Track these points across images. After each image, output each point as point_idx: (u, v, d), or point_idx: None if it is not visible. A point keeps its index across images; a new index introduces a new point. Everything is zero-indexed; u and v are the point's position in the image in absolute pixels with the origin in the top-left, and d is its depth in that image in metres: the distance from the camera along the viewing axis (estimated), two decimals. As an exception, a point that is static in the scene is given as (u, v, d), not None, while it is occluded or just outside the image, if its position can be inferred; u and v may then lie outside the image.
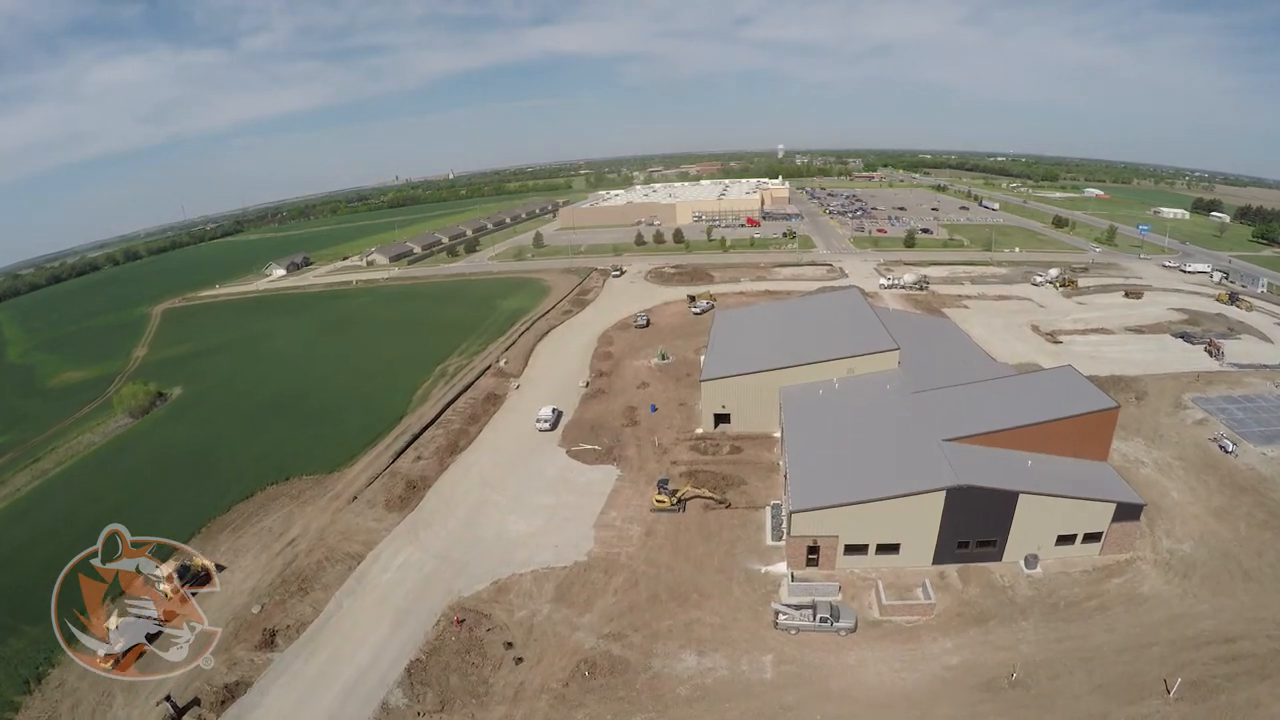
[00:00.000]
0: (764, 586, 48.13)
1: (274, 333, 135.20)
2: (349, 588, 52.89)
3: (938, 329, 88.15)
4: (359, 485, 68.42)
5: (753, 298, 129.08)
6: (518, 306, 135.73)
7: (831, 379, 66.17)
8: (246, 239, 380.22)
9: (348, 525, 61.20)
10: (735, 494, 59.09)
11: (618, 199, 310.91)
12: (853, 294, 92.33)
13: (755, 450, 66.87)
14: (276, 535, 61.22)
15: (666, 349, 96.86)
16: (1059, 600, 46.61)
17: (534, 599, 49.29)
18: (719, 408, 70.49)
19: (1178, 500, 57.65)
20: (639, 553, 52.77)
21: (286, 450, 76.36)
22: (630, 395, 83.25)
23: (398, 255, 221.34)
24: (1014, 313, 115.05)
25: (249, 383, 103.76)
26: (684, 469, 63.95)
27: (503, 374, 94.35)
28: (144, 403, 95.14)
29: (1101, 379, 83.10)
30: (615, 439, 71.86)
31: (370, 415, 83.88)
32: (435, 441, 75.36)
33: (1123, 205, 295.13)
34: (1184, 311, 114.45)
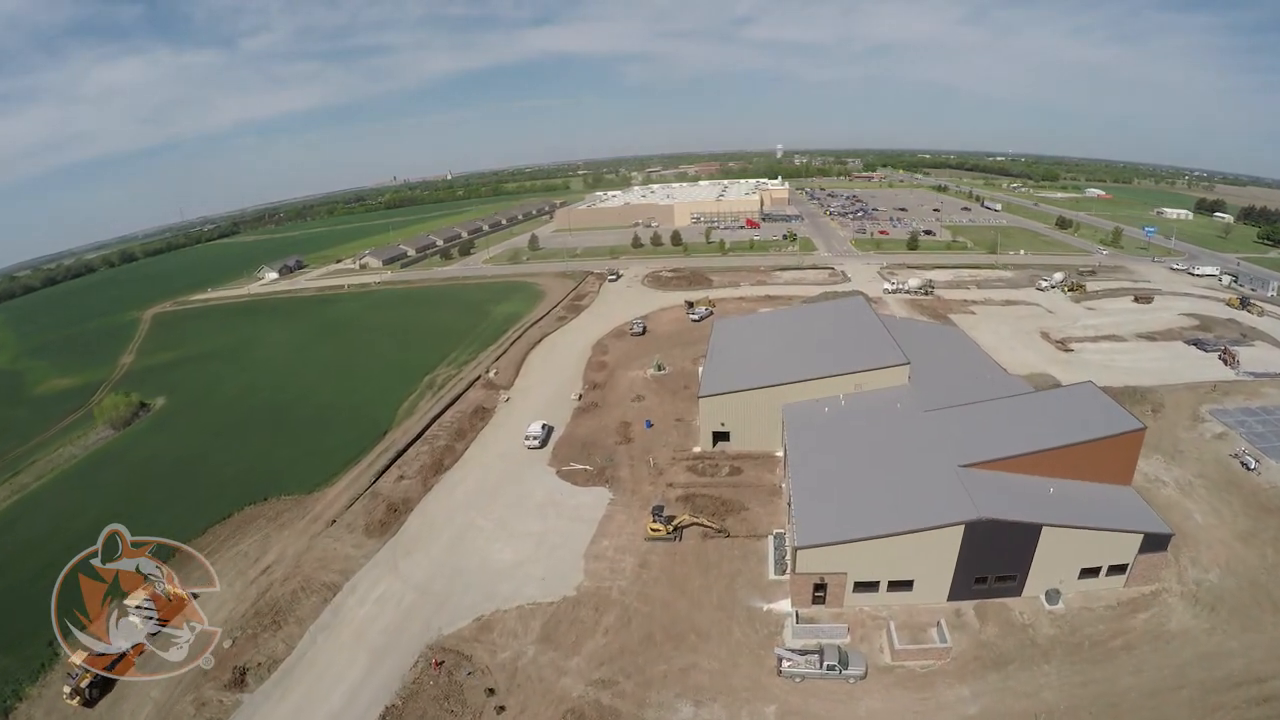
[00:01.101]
0: (767, 627, 44.58)
1: (261, 340, 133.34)
2: (324, 621, 50.11)
3: (947, 339, 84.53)
4: (338, 507, 65.41)
5: (753, 303, 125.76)
6: (510, 312, 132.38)
7: (838, 395, 62.50)
8: (242, 241, 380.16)
9: (325, 551, 58.30)
10: (735, 521, 55.38)
11: (615, 200, 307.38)
12: (858, 302, 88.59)
13: (756, 471, 63.22)
14: (252, 560, 58.57)
15: (663, 358, 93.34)
16: (1083, 639, 43.56)
17: (518, 638, 45.85)
18: (718, 425, 66.73)
19: (1202, 524, 54.88)
20: (632, 587, 49.20)
21: (267, 467, 74.12)
22: (624, 409, 79.65)
23: (391, 258, 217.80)
24: (1022, 319, 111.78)
25: (233, 393, 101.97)
26: (680, 492, 60.27)
27: (492, 385, 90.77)
28: (125, 414, 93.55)
29: (1116, 390, 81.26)
30: (608, 458, 68.26)
31: (354, 430, 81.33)
32: (419, 459, 71.92)
33: (1125, 206, 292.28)
34: (1195, 317, 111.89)
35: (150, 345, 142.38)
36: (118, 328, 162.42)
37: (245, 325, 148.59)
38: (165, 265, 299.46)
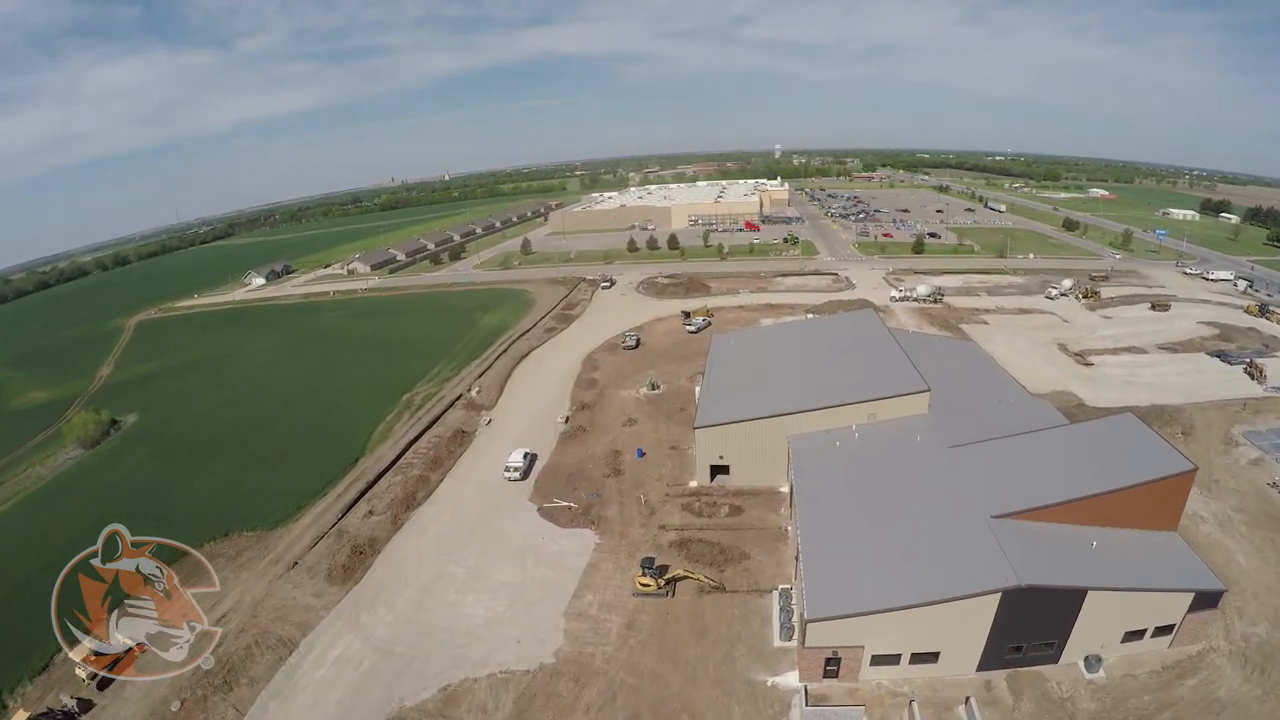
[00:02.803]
0: (771, 706, 38.69)
1: (239, 351, 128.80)
2: (277, 685, 44.96)
3: (964, 356, 78.30)
4: (301, 547, 60.21)
5: (753, 312, 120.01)
6: (497, 323, 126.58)
7: (850, 425, 56.37)
8: (236, 243, 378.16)
9: (284, 600, 52.99)
10: (735, 573, 49.37)
11: (611, 202, 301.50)
12: (869, 316, 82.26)
13: (759, 510, 57.19)
14: (208, 608, 52.47)
15: (657, 375, 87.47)
16: (1127, 713, 38.32)
17: (489, 715, 40.20)
18: (716, 458, 60.66)
19: (1245, 567, 49.95)
20: (617, 654, 43.32)
21: (231, 497, 69.09)
22: (614, 434, 73.70)
23: (379, 263, 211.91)
24: (1037, 329, 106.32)
25: (205, 411, 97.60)
26: (674, 535, 54.24)
27: (474, 406, 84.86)
28: (95, 433, 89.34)
29: (1143, 410, 76.10)
30: (595, 491, 62.40)
31: (325, 455, 76.22)
32: (391, 492, 66.18)
33: (1129, 206, 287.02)
34: (1215, 325, 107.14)
35: (130, 356, 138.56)
36: (101, 336, 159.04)
37: (225, 335, 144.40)
38: (157, 269, 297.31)
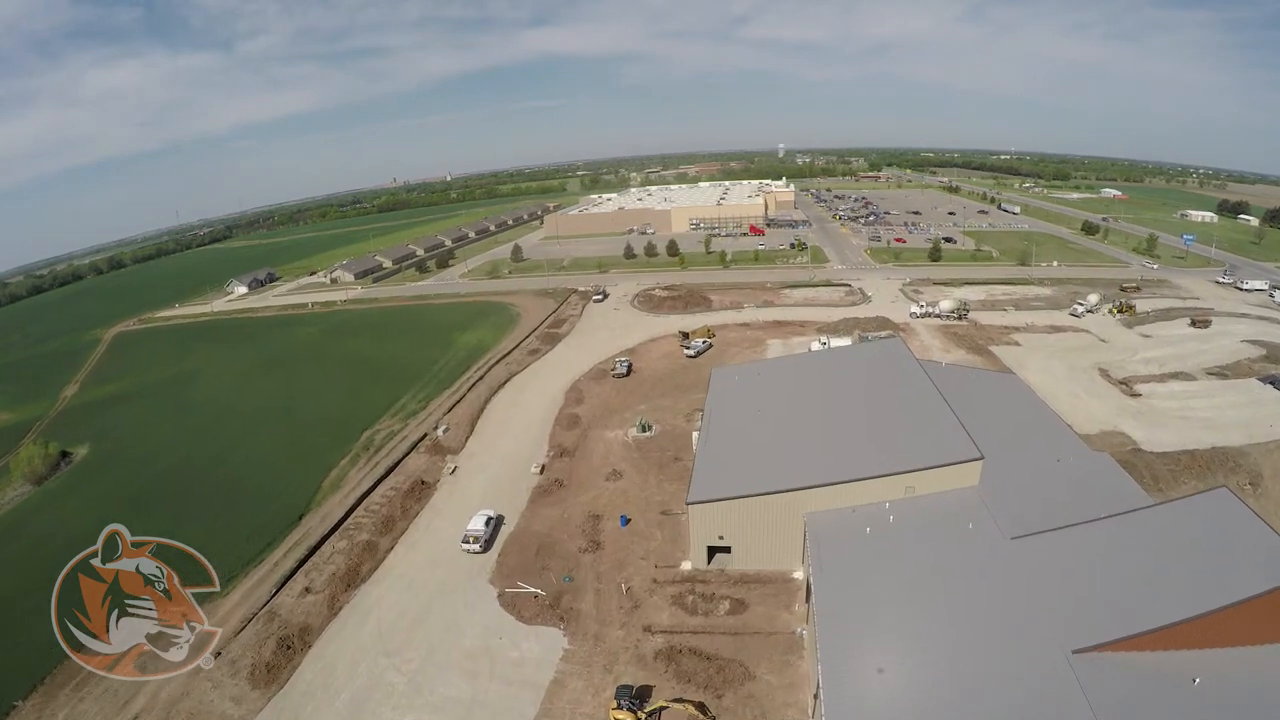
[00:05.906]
0: None
1: (204, 373, 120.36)
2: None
3: (1008, 396, 66.14)
4: (227, 632, 50.31)
5: (759, 331, 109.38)
6: (476, 343, 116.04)
7: (884, 502, 45.42)
8: (231, 246, 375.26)
9: (200, 704, 43.74)
10: (736, 699, 38.35)
11: (609, 204, 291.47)
12: (897, 348, 69.98)
13: (766, 605, 45.89)
14: (121, 703, 44.63)
15: (649, 413, 76.82)
16: None
17: None
18: (715, 538, 49.58)
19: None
20: (582, 829, 33.06)
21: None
22: (596, 492, 62.66)
23: (364, 271, 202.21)
24: (1074, 351, 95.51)
25: (159, 443, 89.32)
26: (661, 642, 43.15)
27: (438, 448, 74.21)
28: (41, 469, 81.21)
29: (1203, 454, 66.19)
30: (568, 573, 51.60)
31: (269, 507, 66.98)
32: (333, 563, 55.88)
33: (1145, 207, 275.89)
34: (1261, 345, 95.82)
35: (99, 374, 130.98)
36: (76, 350, 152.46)
37: (195, 352, 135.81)
38: (149, 274, 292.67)
